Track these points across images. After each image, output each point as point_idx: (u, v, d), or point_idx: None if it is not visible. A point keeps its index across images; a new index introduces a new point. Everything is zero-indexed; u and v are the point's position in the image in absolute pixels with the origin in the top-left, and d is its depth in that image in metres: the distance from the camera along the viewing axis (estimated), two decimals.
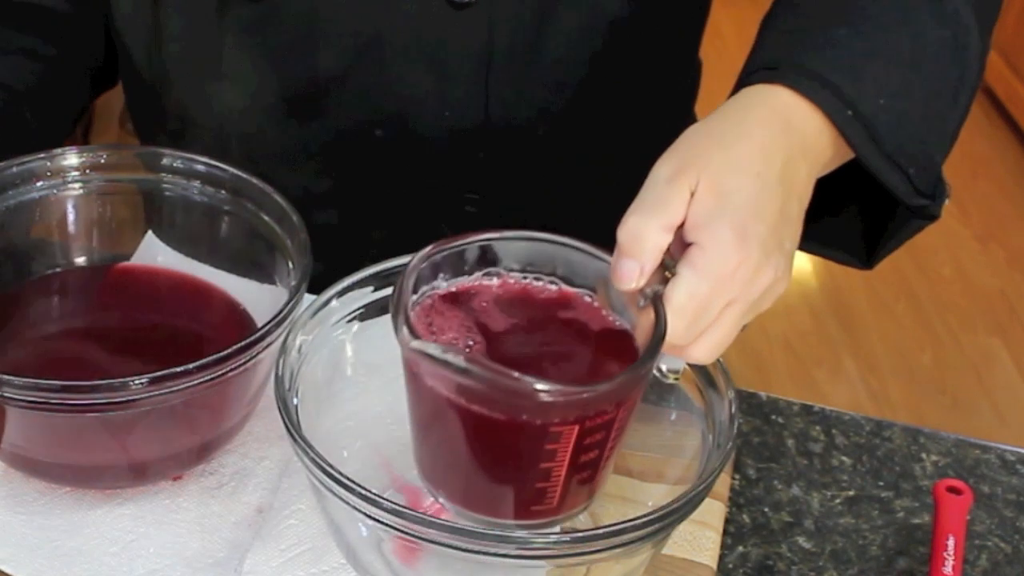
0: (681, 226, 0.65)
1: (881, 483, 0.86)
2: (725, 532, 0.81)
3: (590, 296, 0.68)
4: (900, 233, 0.82)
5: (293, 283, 0.76)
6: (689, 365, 0.72)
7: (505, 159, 0.95)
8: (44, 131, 0.96)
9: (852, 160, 0.75)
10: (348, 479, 0.62)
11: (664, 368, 0.68)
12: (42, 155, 0.83)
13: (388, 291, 0.75)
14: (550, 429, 0.61)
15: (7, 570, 0.73)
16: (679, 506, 0.63)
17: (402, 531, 0.62)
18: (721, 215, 0.64)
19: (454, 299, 0.66)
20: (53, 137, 0.96)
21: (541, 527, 0.67)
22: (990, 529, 0.84)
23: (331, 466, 0.63)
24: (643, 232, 0.63)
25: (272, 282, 0.82)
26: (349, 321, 0.75)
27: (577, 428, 0.61)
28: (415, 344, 0.60)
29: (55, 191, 0.84)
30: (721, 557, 0.79)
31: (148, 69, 0.97)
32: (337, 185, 0.97)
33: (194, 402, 0.72)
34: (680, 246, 0.65)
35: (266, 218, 0.82)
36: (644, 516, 0.62)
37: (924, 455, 0.89)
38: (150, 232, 0.87)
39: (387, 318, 0.76)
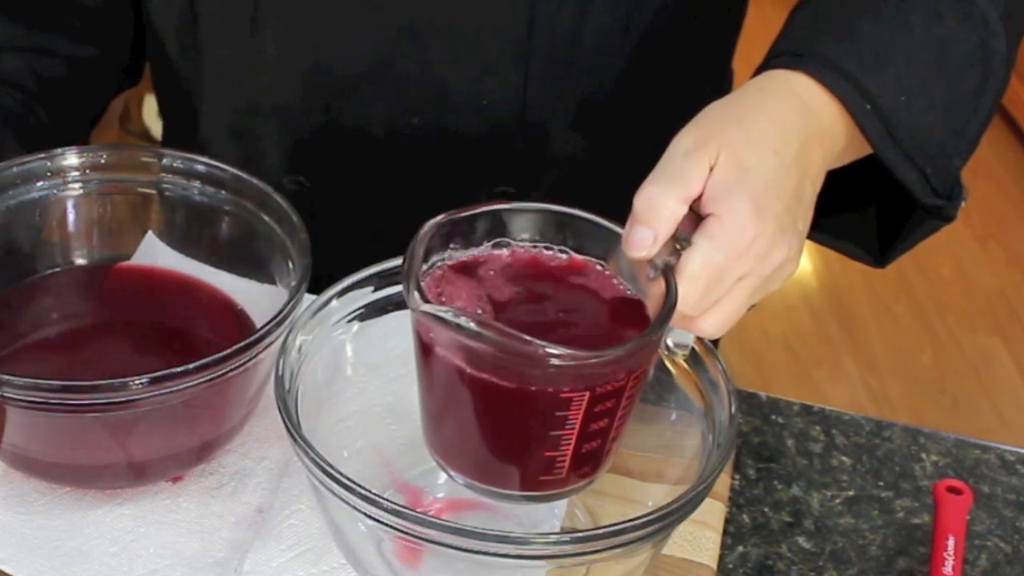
0: (696, 201, 0.65)
1: (881, 483, 0.86)
2: (725, 532, 0.81)
3: (601, 265, 0.67)
4: (915, 233, 0.83)
5: (293, 283, 0.76)
6: (689, 363, 0.72)
7: (540, 152, 0.95)
8: (59, 130, 0.96)
9: (870, 156, 0.75)
10: (348, 479, 0.62)
11: (671, 344, 0.68)
12: (42, 155, 0.83)
13: (388, 291, 0.75)
14: (561, 395, 0.60)
15: (7, 570, 0.73)
16: (679, 506, 0.63)
17: (402, 531, 0.62)
18: (740, 188, 0.65)
19: (464, 268, 0.66)
20: (68, 136, 0.96)
21: (549, 499, 0.67)
22: (990, 529, 0.84)
23: (331, 466, 0.63)
24: (660, 201, 0.64)
25: (272, 282, 0.82)
26: (349, 321, 0.75)
27: (588, 395, 0.61)
28: (426, 307, 0.60)
29: (55, 191, 0.84)
30: (721, 557, 0.79)
31: (180, 57, 0.97)
32: (368, 174, 0.97)
33: (194, 402, 0.72)
34: (689, 223, 0.65)
35: (266, 218, 0.82)
36: (644, 516, 0.62)
37: (924, 455, 0.89)
38: (150, 232, 0.87)
39: (387, 318, 0.76)
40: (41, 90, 0.95)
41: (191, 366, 0.69)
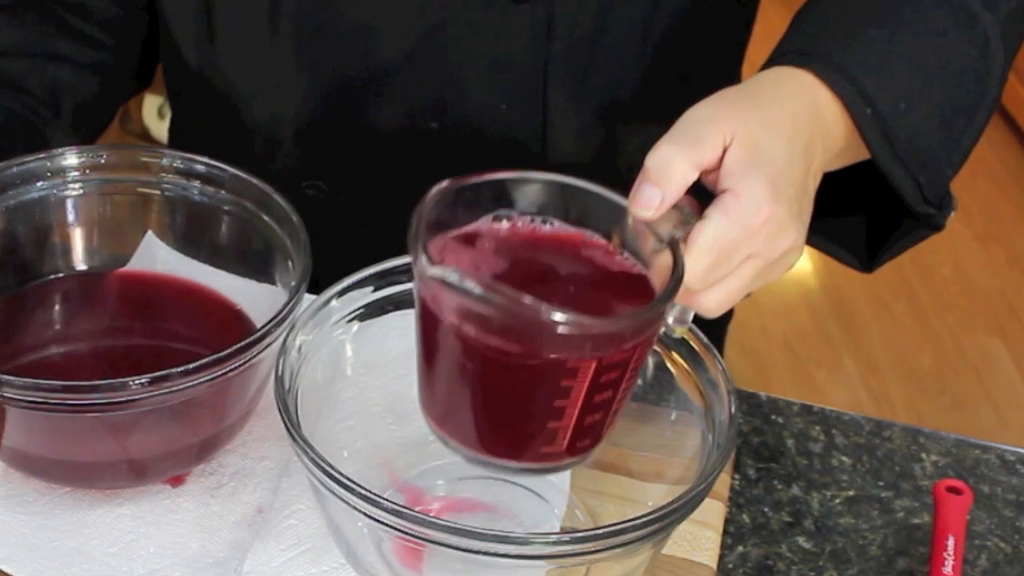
0: (706, 175, 0.65)
1: (881, 483, 0.86)
2: (725, 532, 0.81)
3: (604, 239, 0.67)
4: (903, 241, 0.83)
5: (293, 283, 0.76)
6: (689, 362, 0.72)
7: (559, 157, 0.95)
8: (66, 134, 0.95)
9: (862, 164, 0.76)
10: (348, 479, 0.62)
11: (671, 320, 0.68)
12: (42, 155, 0.83)
13: (388, 291, 0.75)
14: (567, 364, 0.60)
15: (7, 570, 0.73)
16: (679, 506, 0.63)
17: (402, 531, 0.62)
18: (757, 167, 0.65)
19: (466, 239, 0.65)
20: (77, 140, 0.96)
21: (549, 471, 0.66)
22: (990, 529, 0.84)
23: (331, 466, 0.63)
24: (673, 162, 0.64)
25: (272, 282, 0.82)
26: (349, 321, 0.75)
27: (594, 364, 0.60)
28: (434, 271, 0.59)
29: (55, 191, 0.84)
30: (721, 557, 0.79)
31: (197, 61, 0.97)
32: (387, 178, 0.97)
33: (194, 402, 0.72)
34: (690, 204, 0.65)
35: (266, 218, 0.82)
36: (644, 516, 0.62)
37: (924, 455, 0.89)
38: (150, 232, 0.87)
39: (387, 318, 0.76)
40: (48, 95, 0.94)
41: (191, 366, 0.69)
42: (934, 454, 0.89)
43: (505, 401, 0.63)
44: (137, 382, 0.68)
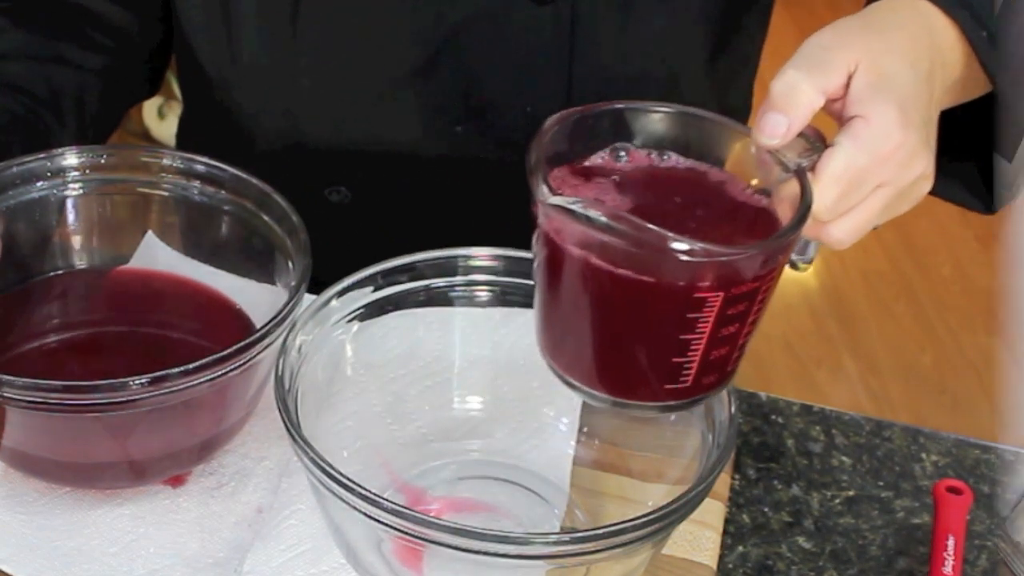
0: (831, 103, 0.64)
1: (881, 483, 0.86)
2: (725, 532, 0.81)
3: (726, 171, 0.65)
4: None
5: (293, 283, 0.76)
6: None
7: None
8: (72, 138, 0.95)
9: (966, 107, 0.75)
10: (348, 479, 0.62)
11: (793, 256, 0.66)
12: (42, 155, 0.83)
13: (388, 291, 0.75)
14: (693, 295, 0.58)
15: (7, 570, 0.73)
16: (679, 506, 0.63)
17: (402, 531, 0.62)
18: (887, 93, 0.64)
19: (585, 173, 0.64)
20: (79, 144, 0.96)
21: (676, 409, 0.65)
22: (990, 529, 0.84)
23: (331, 466, 0.63)
24: (799, 87, 0.63)
25: (272, 282, 0.83)
26: (349, 321, 0.75)
27: (721, 296, 0.59)
28: (555, 200, 0.58)
29: (55, 191, 0.84)
30: (721, 557, 0.79)
31: (216, 68, 0.97)
32: (412, 184, 0.97)
33: (194, 402, 0.72)
34: (817, 133, 0.64)
35: (266, 218, 0.82)
36: (644, 516, 0.62)
37: (924, 455, 0.89)
38: (150, 232, 0.87)
39: (387, 318, 0.76)
40: (53, 98, 0.94)
41: (191, 366, 0.69)
42: (934, 454, 0.89)
43: (630, 336, 0.61)
44: (137, 382, 0.68)
